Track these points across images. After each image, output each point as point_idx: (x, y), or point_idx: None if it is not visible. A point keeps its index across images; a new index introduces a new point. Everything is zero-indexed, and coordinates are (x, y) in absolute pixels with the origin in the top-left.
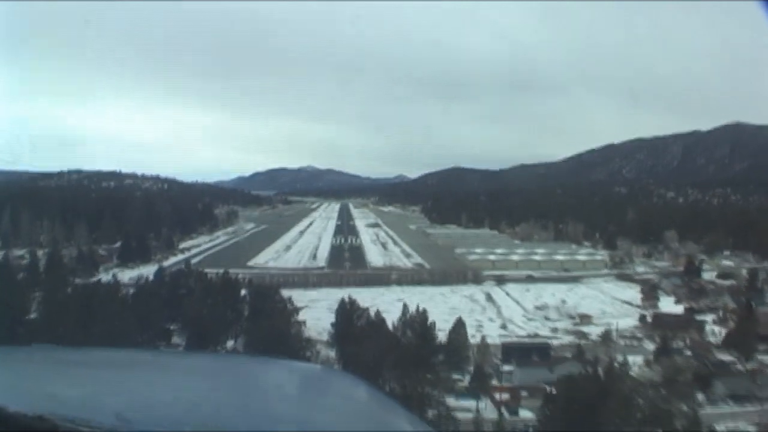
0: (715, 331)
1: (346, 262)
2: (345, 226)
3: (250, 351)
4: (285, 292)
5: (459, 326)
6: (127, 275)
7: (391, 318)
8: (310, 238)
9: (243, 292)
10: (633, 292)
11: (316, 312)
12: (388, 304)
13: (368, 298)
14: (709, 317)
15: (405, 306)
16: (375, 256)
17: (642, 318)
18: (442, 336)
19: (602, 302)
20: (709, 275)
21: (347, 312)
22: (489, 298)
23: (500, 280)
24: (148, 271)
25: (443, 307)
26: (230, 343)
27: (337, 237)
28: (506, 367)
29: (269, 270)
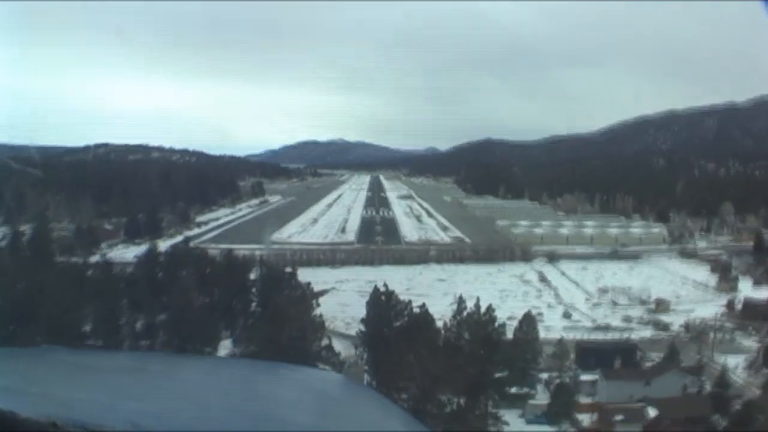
0: None
1: (377, 237)
2: (376, 198)
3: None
4: (308, 272)
5: (527, 322)
6: (132, 253)
7: (433, 303)
8: (338, 210)
9: (253, 275)
10: (704, 272)
11: (344, 296)
12: (427, 286)
13: (404, 279)
14: None
15: (460, 299)
16: (409, 230)
17: (729, 305)
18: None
19: (672, 283)
20: None
21: (382, 306)
22: (543, 278)
23: (552, 257)
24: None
25: (491, 289)
26: (226, 344)
27: (367, 209)
28: (583, 376)
29: (292, 245)
